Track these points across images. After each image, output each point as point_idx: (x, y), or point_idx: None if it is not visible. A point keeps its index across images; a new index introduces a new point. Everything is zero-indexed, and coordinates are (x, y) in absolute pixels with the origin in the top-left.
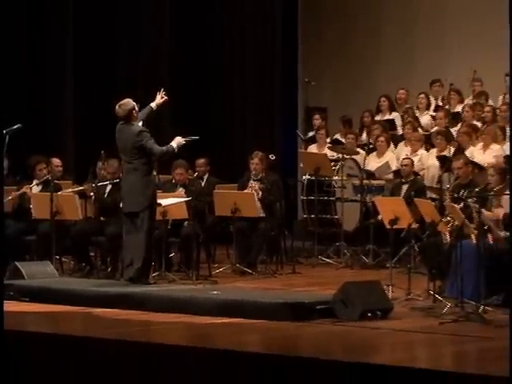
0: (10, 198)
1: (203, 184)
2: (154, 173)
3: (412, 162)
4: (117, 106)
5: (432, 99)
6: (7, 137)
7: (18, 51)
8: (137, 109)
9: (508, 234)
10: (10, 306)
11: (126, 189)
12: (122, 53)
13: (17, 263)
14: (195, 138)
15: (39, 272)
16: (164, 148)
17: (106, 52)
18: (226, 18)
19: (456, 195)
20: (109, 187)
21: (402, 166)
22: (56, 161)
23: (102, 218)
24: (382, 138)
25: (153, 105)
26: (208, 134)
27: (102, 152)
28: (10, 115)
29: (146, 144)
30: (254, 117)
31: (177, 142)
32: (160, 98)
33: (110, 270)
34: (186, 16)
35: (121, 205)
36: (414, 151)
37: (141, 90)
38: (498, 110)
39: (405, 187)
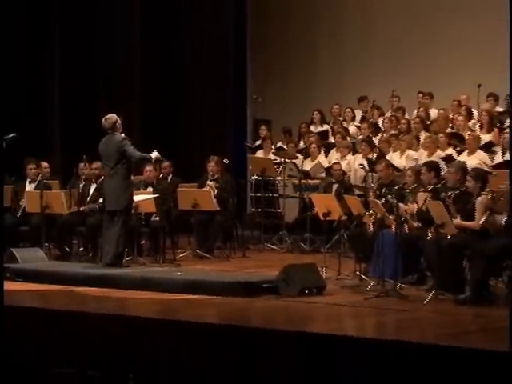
0: None
1: (168, 183)
2: (132, 177)
3: (341, 166)
4: (103, 120)
5: (357, 112)
6: (4, 144)
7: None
8: (119, 121)
9: (420, 224)
10: (6, 285)
11: (109, 190)
12: (100, 55)
13: (12, 249)
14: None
15: (31, 257)
16: (143, 154)
17: (86, 57)
18: (185, 43)
19: (378, 192)
20: (93, 187)
21: (333, 169)
22: (44, 164)
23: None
24: (314, 145)
25: (152, 155)
26: (172, 141)
27: (84, 156)
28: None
29: (127, 148)
30: (211, 127)
31: (155, 155)
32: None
33: (90, 255)
34: (155, 33)
35: (100, 200)
36: (343, 156)
37: (117, 90)
38: (412, 122)
39: (335, 186)
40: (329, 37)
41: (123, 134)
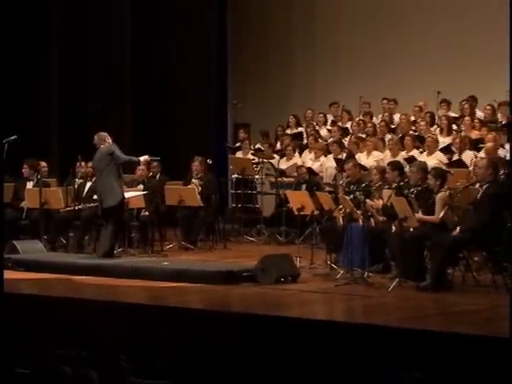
0: None
1: (157, 181)
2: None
3: (304, 169)
4: (95, 136)
5: (328, 116)
6: (6, 145)
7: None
8: (109, 139)
9: (385, 218)
10: (8, 274)
11: (102, 190)
12: (94, 60)
13: (14, 242)
14: (157, 158)
15: (31, 248)
16: (130, 157)
17: (81, 63)
18: (172, 44)
19: (347, 189)
20: (88, 184)
21: (299, 173)
22: (43, 164)
23: (79, 206)
24: (289, 147)
25: (141, 158)
26: (160, 143)
27: (79, 156)
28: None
29: (115, 151)
30: (195, 130)
31: (143, 158)
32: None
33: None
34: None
35: (95, 196)
36: (317, 157)
37: (109, 95)
38: (377, 126)
39: (304, 185)
40: (303, 47)
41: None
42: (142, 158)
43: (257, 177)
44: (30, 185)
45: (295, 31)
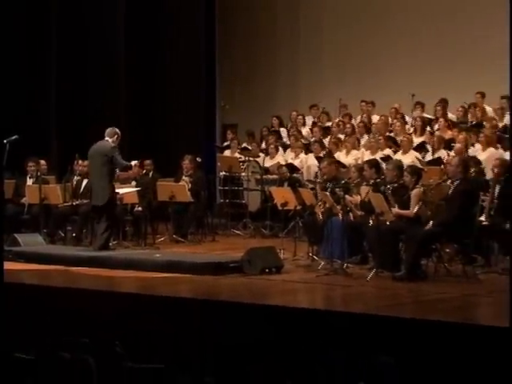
0: None
1: (149, 178)
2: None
3: (285, 168)
4: (109, 128)
5: (309, 117)
6: (8, 145)
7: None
8: (119, 136)
9: (363, 213)
10: (10, 265)
11: (96, 188)
12: (92, 63)
13: (15, 235)
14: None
15: (31, 241)
16: (126, 163)
17: (80, 66)
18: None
19: (324, 186)
20: (85, 182)
21: (280, 172)
22: (42, 162)
23: (76, 202)
24: (272, 146)
25: (132, 163)
26: (154, 143)
27: (76, 155)
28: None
29: (116, 157)
30: (186, 130)
31: (134, 162)
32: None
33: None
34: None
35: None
36: (297, 155)
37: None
38: (356, 126)
39: (285, 183)
40: (288, 50)
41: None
42: (133, 163)
43: (243, 174)
44: (30, 182)
45: (280, 35)
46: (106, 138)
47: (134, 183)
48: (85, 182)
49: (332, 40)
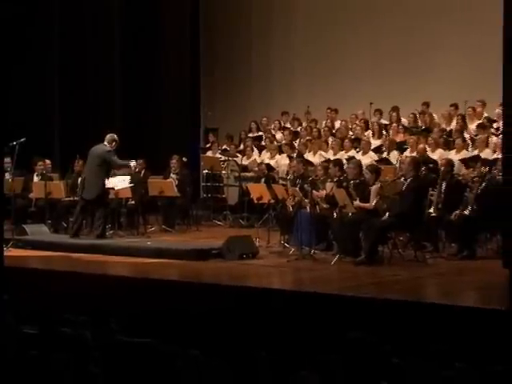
0: None
1: (141, 175)
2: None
3: (263, 166)
4: (108, 135)
5: (282, 123)
6: (17, 147)
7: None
8: (117, 142)
9: (328, 206)
10: (18, 252)
11: (86, 183)
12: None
13: (23, 225)
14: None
15: (37, 231)
16: (124, 162)
17: (81, 75)
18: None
19: (293, 182)
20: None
21: (259, 169)
22: (47, 161)
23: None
24: (249, 148)
25: (131, 163)
26: (146, 145)
27: (78, 155)
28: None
29: (112, 158)
30: (174, 134)
31: (133, 163)
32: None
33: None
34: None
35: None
36: (272, 156)
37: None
38: (322, 130)
39: (262, 179)
40: (261, 65)
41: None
42: (132, 164)
43: (223, 172)
44: (36, 179)
45: (255, 51)
46: (105, 143)
47: (128, 179)
48: (79, 179)
49: (302, 53)
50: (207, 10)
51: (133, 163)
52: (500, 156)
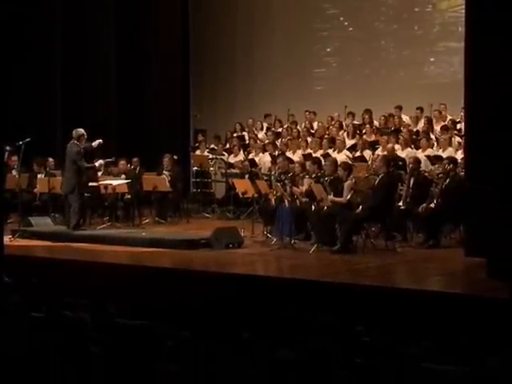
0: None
1: (137, 172)
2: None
3: (247, 164)
4: (73, 131)
5: (264, 124)
6: (22, 146)
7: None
8: (85, 136)
9: (307, 199)
10: (24, 242)
11: (63, 179)
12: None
13: (29, 217)
14: (111, 159)
15: (42, 223)
16: (89, 165)
17: (79, 76)
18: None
19: (278, 178)
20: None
21: (243, 166)
22: (50, 160)
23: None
24: (236, 148)
25: (93, 144)
26: (141, 144)
27: None
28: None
29: (78, 161)
30: (166, 134)
31: (99, 163)
32: (97, 143)
33: (82, 221)
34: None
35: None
36: (257, 154)
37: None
38: (301, 131)
39: (246, 175)
40: (244, 71)
41: (81, 149)
42: (97, 164)
43: (211, 169)
44: (40, 175)
45: (239, 56)
46: (73, 141)
47: (123, 176)
48: None
49: (283, 58)
50: (196, 10)
51: (98, 163)
52: (462, 155)
